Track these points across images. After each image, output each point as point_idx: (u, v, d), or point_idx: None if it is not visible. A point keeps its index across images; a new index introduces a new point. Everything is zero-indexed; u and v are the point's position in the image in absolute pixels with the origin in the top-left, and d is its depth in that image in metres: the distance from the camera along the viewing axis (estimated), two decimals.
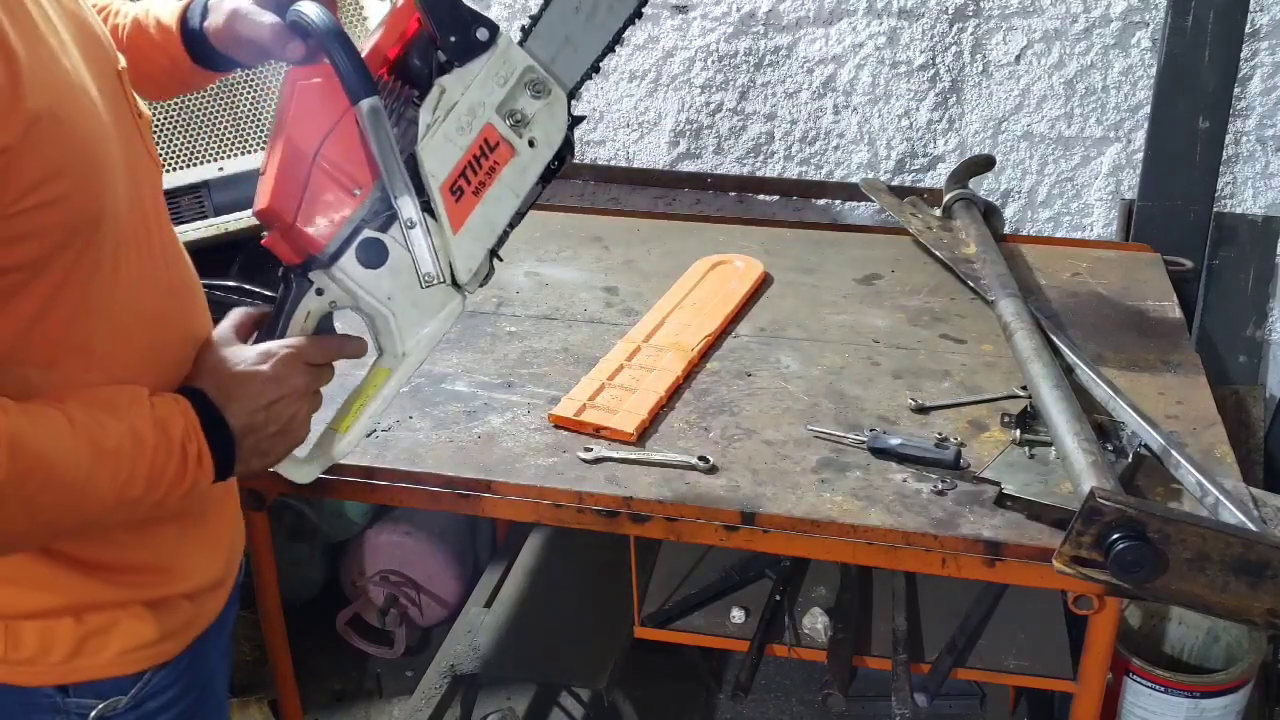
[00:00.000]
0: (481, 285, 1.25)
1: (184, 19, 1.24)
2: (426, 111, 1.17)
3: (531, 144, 1.23)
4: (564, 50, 1.26)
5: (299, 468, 1.22)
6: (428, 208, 1.17)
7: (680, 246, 2.15)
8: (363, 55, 1.13)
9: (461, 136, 1.19)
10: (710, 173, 2.58)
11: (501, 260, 1.27)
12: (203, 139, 2.22)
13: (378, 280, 1.18)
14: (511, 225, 1.25)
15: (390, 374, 1.24)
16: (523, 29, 1.25)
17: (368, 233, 1.16)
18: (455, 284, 1.22)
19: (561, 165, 1.26)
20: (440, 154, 1.17)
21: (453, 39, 1.17)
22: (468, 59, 1.19)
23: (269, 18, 1.16)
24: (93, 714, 1.10)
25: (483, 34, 1.20)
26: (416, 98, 1.18)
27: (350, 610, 2.51)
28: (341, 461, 1.32)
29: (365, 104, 1.10)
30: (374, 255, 1.17)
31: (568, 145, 1.26)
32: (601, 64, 1.30)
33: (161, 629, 1.13)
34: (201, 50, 1.24)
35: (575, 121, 1.26)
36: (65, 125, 0.95)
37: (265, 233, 1.17)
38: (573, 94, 1.27)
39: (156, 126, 2.20)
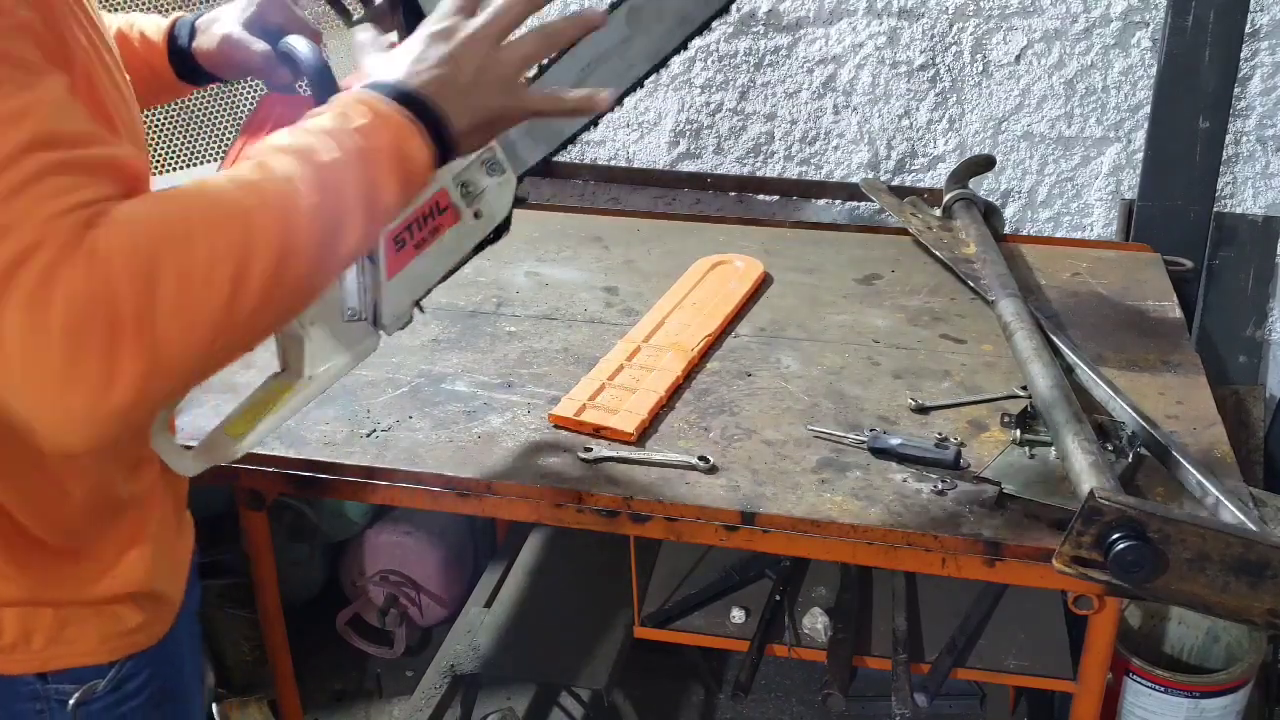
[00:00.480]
0: (400, 329, 1.29)
1: (171, 36, 1.29)
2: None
3: (477, 215, 1.29)
4: (524, 140, 1.39)
5: (181, 458, 1.21)
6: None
7: (680, 246, 2.15)
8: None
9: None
10: (710, 173, 2.58)
11: (423, 311, 1.32)
12: (203, 139, 2.23)
13: None
14: (440, 281, 1.31)
15: (292, 393, 1.25)
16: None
17: None
18: (376, 324, 1.25)
19: (498, 238, 1.34)
20: None
21: None
22: None
23: (260, 45, 1.22)
24: (72, 700, 1.12)
25: None
26: None
27: (350, 610, 2.51)
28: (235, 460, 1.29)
29: None
30: None
31: (506, 223, 1.34)
32: (554, 156, 1.47)
33: (140, 618, 1.16)
34: (186, 66, 1.29)
35: (518, 202, 1.33)
36: (102, 90, 0.97)
37: None
38: (522, 178, 1.36)
39: (157, 126, 2.20)
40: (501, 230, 1.34)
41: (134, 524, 1.15)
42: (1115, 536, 1.25)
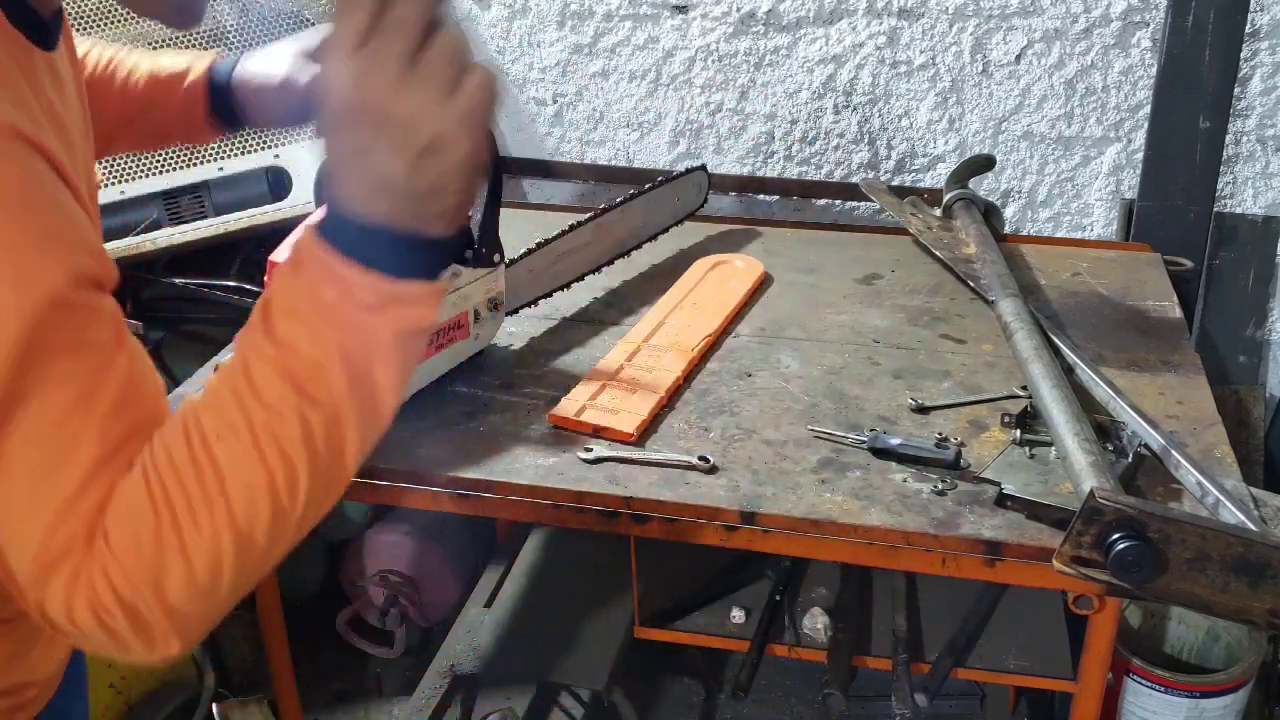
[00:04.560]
0: None
1: (210, 72, 1.31)
2: (443, 280, 1.44)
3: (475, 337, 1.69)
4: (516, 291, 1.77)
5: None
6: None
7: (680, 246, 2.15)
8: None
9: (453, 307, 1.63)
10: (710, 173, 2.58)
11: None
12: None
13: None
14: (427, 383, 1.65)
15: None
16: (506, 263, 1.72)
17: None
18: None
19: (477, 357, 1.71)
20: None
21: (483, 250, 1.58)
22: (480, 265, 1.61)
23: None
24: None
25: (496, 258, 1.63)
26: None
27: (350, 610, 2.51)
28: None
29: None
30: None
31: (483, 352, 1.73)
32: (539, 301, 1.86)
33: (6, 704, 1.07)
34: (222, 103, 1.31)
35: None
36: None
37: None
38: (509, 313, 1.78)
39: None
40: (480, 353, 1.72)
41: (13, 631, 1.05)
42: (1115, 536, 1.25)
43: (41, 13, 0.95)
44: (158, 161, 2.12)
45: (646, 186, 2.07)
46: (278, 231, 1.55)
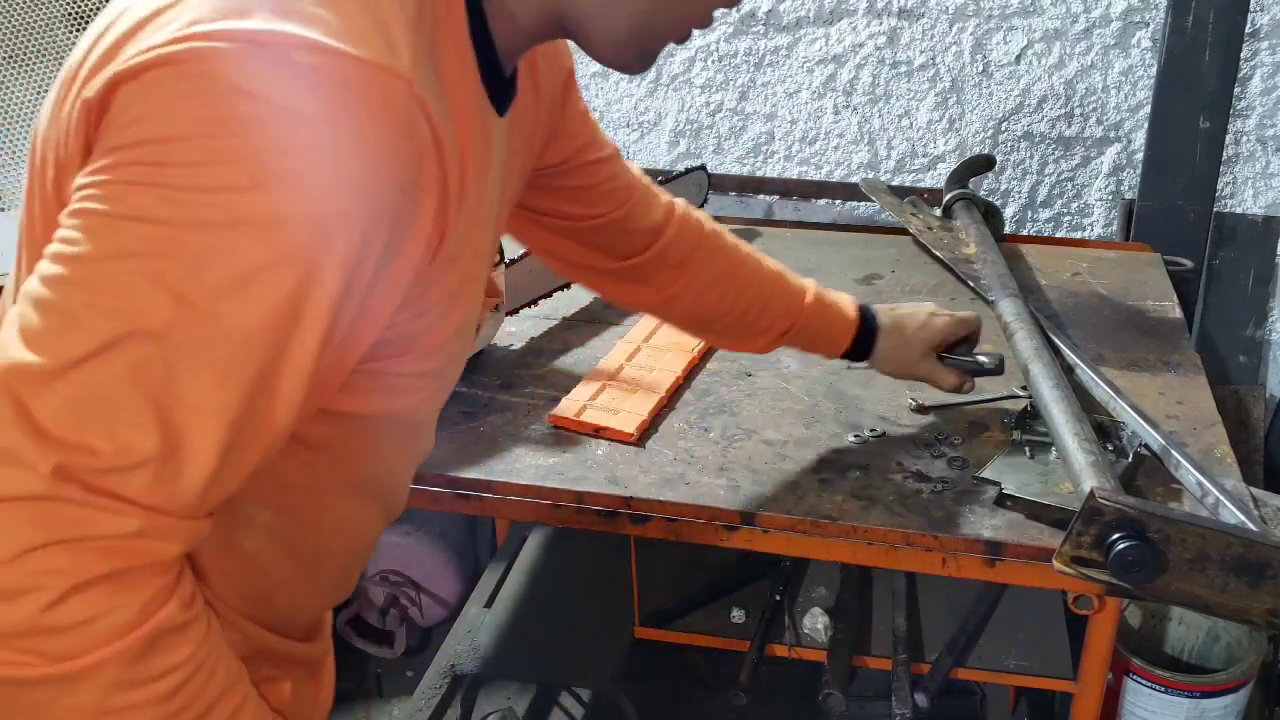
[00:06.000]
0: None
1: (861, 316, 1.52)
2: None
3: (475, 337, 1.67)
4: (516, 291, 1.81)
5: None
6: None
7: None
8: None
9: None
10: (710, 173, 2.58)
11: None
12: None
13: None
14: None
15: None
16: (506, 263, 1.74)
17: None
18: None
19: (477, 357, 1.75)
20: None
21: None
22: None
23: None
24: None
25: (496, 258, 1.65)
26: None
27: (350, 610, 2.51)
28: None
29: None
30: None
31: (483, 352, 1.76)
32: (539, 301, 1.90)
33: None
34: (861, 342, 1.53)
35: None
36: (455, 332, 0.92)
37: None
38: (509, 313, 1.81)
39: None
40: (480, 352, 1.75)
41: None
42: (1115, 536, 1.25)
43: (504, 68, 0.91)
44: None
45: None
46: None
